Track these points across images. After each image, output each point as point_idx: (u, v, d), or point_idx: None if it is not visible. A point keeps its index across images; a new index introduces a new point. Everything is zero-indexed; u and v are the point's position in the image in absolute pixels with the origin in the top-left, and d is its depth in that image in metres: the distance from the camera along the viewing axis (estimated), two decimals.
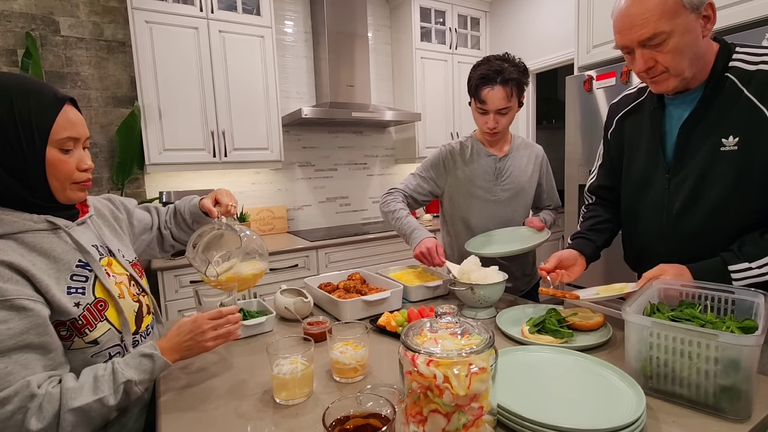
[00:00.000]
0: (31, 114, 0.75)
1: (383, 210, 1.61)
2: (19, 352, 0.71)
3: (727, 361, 0.68)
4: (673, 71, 0.91)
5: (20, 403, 0.68)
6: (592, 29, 2.28)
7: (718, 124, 0.94)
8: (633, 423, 0.64)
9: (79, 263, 0.83)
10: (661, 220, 1.06)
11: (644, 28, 0.87)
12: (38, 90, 0.77)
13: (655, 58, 0.90)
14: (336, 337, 0.90)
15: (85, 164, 0.84)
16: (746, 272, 0.89)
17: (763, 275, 0.87)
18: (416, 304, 1.33)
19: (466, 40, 3.55)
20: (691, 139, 0.98)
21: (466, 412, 0.60)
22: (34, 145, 0.75)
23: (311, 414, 0.78)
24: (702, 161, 0.96)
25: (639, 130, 1.11)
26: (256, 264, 1.14)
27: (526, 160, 1.63)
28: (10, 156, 0.74)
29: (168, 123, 2.42)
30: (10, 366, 0.70)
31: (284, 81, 3.08)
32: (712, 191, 0.96)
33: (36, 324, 0.73)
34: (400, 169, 3.69)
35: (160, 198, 2.47)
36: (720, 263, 0.92)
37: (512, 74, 1.42)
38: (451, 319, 0.66)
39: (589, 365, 0.85)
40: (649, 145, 1.07)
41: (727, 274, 0.90)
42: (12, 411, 0.67)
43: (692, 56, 0.90)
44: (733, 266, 0.90)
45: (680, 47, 0.88)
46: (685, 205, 1.00)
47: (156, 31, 2.34)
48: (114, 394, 0.75)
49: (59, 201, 0.83)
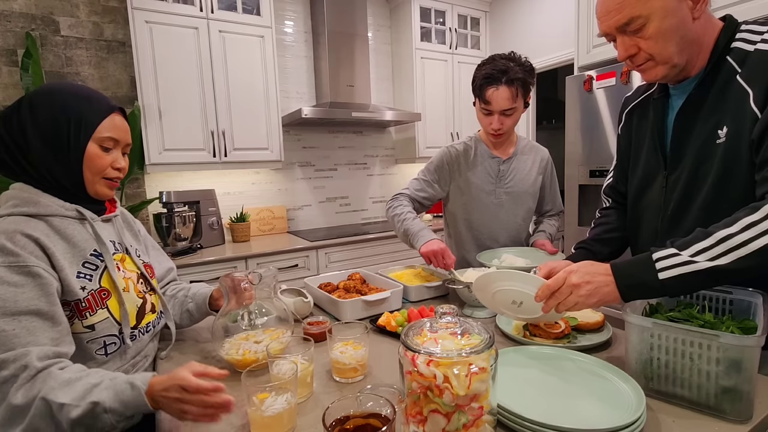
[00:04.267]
0: (82, 114, 0.88)
1: (390, 214, 1.59)
2: (29, 317, 0.74)
3: (729, 361, 0.68)
4: (658, 58, 0.84)
5: (14, 371, 0.69)
6: (592, 29, 2.28)
7: (713, 114, 0.85)
8: (633, 423, 0.64)
9: (94, 252, 0.90)
10: (657, 223, 0.98)
11: (620, 14, 0.82)
12: (95, 97, 0.91)
13: (638, 45, 0.84)
14: (336, 337, 0.90)
15: (119, 164, 0.94)
16: (672, 258, 0.74)
17: (691, 263, 0.72)
18: (416, 304, 1.33)
19: (466, 40, 3.55)
20: (685, 132, 0.90)
21: (466, 412, 0.60)
22: (79, 139, 0.87)
23: (311, 414, 0.78)
24: (694, 156, 0.88)
25: (644, 124, 1.03)
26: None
27: (531, 164, 1.61)
28: (58, 145, 0.86)
29: (168, 123, 2.42)
30: (18, 329, 0.73)
31: (284, 81, 3.08)
32: (702, 190, 0.87)
33: (48, 293, 0.78)
34: (400, 169, 3.69)
35: (160, 198, 2.47)
36: (647, 254, 0.78)
37: (518, 74, 1.39)
38: (451, 319, 0.66)
39: (589, 365, 0.84)
40: (650, 141, 1.00)
41: (652, 264, 0.75)
42: (4, 377, 0.69)
43: (680, 40, 0.82)
44: (658, 253, 0.76)
45: (662, 32, 0.81)
46: (678, 206, 0.93)
47: (156, 31, 2.34)
48: (77, 407, 0.68)
49: (88, 193, 0.92)
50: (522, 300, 0.88)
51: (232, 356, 0.94)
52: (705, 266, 0.72)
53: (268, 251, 2.51)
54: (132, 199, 2.65)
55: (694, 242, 0.74)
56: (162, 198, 2.46)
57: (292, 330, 1.05)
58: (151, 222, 2.68)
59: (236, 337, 0.98)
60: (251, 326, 1.02)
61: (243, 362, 0.93)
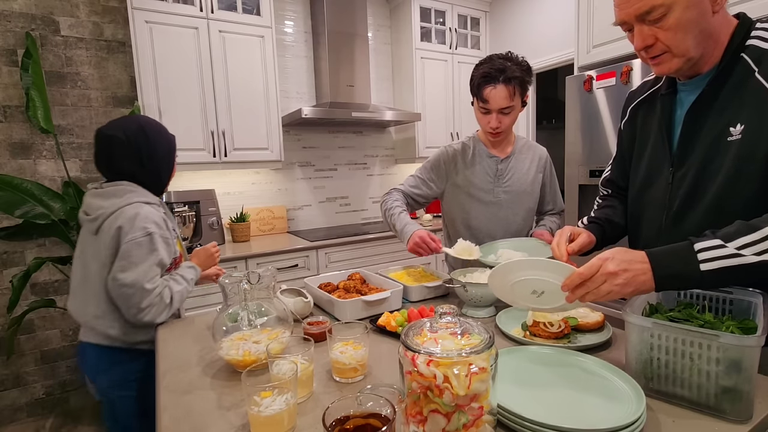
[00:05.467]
0: (173, 144, 1.42)
1: (382, 209, 1.62)
2: (161, 267, 1.26)
3: (729, 361, 0.68)
4: (675, 50, 0.82)
5: (161, 289, 1.22)
6: (592, 29, 2.28)
7: (726, 111, 0.84)
8: (633, 423, 0.64)
9: (173, 230, 1.38)
10: (661, 220, 0.97)
11: (641, 1, 0.79)
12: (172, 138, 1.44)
13: (656, 35, 0.82)
14: (336, 337, 0.90)
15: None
16: (717, 251, 0.72)
17: (737, 257, 0.71)
18: (416, 304, 1.33)
19: (466, 40, 3.55)
20: (696, 128, 0.89)
21: (466, 412, 0.60)
22: (174, 161, 1.43)
23: (311, 414, 0.78)
24: (704, 153, 0.87)
25: (650, 120, 1.02)
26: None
27: (529, 162, 1.61)
28: (170, 161, 1.40)
29: (168, 123, 2.41)
30: (159, 272, 1.25)
31: (284, 81, 3.08)
32: (711, 188, 0.86)
33: (171, 252, 1.31)
34: (400, 169, 3.69)
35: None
36: (686, 244, 0.75)
37: (515, 73, 1.40)
38: (451, 319, 0.65)
39: (589, 365, 0.84)
40: (657, 137, 0.99)
41: (693, 255, 0.73)
42: (158, 292, 1.21)
43: (698, 34, 0.80)
44: (700, 243, 0.73)
45: (683, 23, 0.79)
46: (684, 203, 0.91)
47: (156, 31, 2.34)
48: (189, 283, 1.33)
49: (165, 189, 1.45)
50: (544, 289, 0.85)
51: (232, 356, 0.94)
52: (752, 260, 0.70)
53: (268, 251, 2.51)
54: None
55: (738, 235, 0.72)
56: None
57: (292, 330, 1.05)
58: None
59: (234, 337, 0.98)
60: (251, 326, 1.02)
61: (243, 362, 0.93)
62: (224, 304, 1.10)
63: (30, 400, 2.46)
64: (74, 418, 2.46)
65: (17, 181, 2.18)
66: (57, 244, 2.44)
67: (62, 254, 2.44)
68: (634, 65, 1.99)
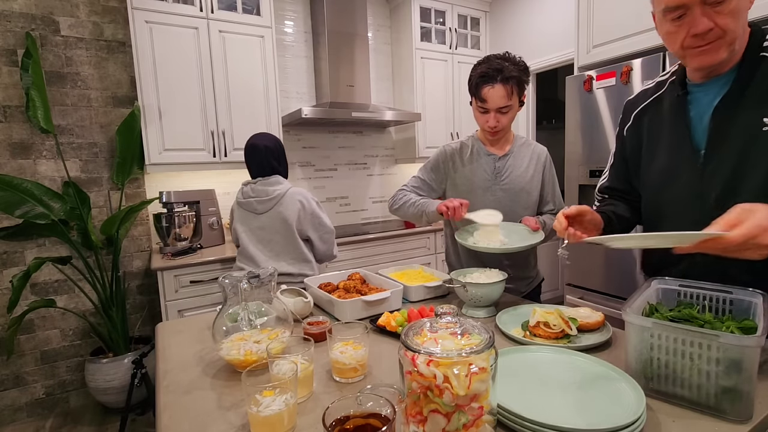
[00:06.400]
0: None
1: (396, 206, 1.62)
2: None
3: (729, 361, 0.68)
4: (729, 36, 0.83)
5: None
6: (592, 29, 2.28)
7: (758, 104, 0.87)
8: (633, 423, 0.64)
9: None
10: (695, 215, 0.94)
11: None
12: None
13: (714, 20, 0.82)
14: (336, 337, 0.90)
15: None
16: None
17: None
18: (416, 304, 1.33)
19: (466, 40, 3.55)
20: (727, 122, 0.91)
21: (466, 412, 0.60)
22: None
23: (311, 414, 0.78)
24: (741, 143, 0.89)
25: (659, 123, 1.05)
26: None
27: (528, 160, 1.62)
28: (286, 162, 1.91)
29: (168, 123, 2.42)
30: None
31: (284, 81, 3.08)
32: (755, 175, 0.87)
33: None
34: (400, 169, 3.69)
35: (160, 198, 2.47)
36: None
37: (512, 72, 1.42)
38: (451, 319, 0.65)
39: (589, 365, 0.84)
40: (673, 137, 1.01)
41: None
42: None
43: (744, 24, 0.84)
44: None
45: (740, 9, 0.82)
46: (724, 194, 0.91)
47: (156, 31, 2.34)
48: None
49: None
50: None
51: (233, 356, 0.94)
52: None
53: None
54: (132, 199, 2.65)
55: None
56: (162, 198, 2.46)
57: (292, 330, 1.05)
58: (150, 222, 2.68)
59: (234, 338, 0.98)
60: (251, 326, 1.02)
61: (245, 362, 0.93)
62: (224, 304, 1.10)
63: (30, 400, 2.46)
64: (74, 418, 2.46)
65: (17, 181, 2.18)
66: (57, 244, 2.45)
67: (62, 254, 2.44)
68: (634, 65, 1.99)
